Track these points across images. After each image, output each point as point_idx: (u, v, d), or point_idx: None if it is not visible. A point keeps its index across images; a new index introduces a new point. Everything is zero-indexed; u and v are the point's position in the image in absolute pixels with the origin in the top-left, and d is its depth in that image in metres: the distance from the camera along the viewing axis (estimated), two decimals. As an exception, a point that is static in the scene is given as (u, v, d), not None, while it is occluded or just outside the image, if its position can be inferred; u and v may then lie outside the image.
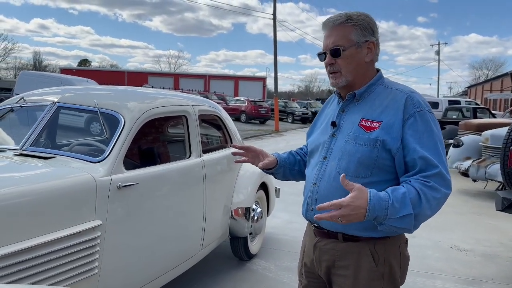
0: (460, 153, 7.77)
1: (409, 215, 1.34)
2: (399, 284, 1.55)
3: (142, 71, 53.35)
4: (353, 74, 1.54)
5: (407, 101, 1.46)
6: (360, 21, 1.52)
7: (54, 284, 1.91)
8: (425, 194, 1.36)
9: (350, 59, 1.52)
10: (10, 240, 1.76)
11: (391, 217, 1.34)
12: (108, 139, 2.37)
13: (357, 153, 1.46)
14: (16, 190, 1.87)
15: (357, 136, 1.48)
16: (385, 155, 1.44)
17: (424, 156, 1.39)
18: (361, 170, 1.45)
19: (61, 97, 2.68)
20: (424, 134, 1.42)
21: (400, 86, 1.54)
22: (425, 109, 1.45)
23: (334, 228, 1.51)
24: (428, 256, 4.14)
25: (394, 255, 1.51)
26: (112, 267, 2.22)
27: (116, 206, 2.22)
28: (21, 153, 2.39)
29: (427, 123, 1.44)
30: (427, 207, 1.36)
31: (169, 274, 2.72)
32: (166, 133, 4.01)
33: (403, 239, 1.57)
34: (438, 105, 18.56)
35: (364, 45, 1.52)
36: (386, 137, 1.43)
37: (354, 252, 1.50)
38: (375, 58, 1.57)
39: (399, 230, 1.41)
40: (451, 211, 6.00)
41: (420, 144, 1.41)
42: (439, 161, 1.40)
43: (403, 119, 1.43)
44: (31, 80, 15.71)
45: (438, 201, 1.39)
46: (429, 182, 1.37)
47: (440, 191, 1.38)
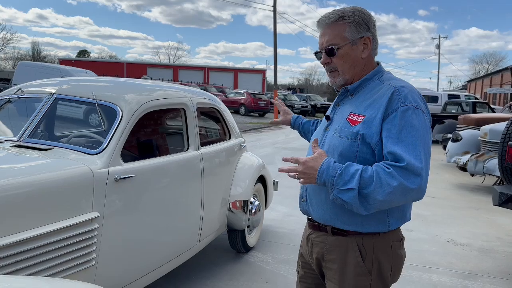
0: (458, 147, 7.79)
1: (353, 190, 1.34)
2: (389, 282, 1.53)
3: (141, 63, 53.11)
4: (351, 72, 1.54)
5: (393, 95, 1.43)
6: (354, 17, 1.50)
7: (51, 275, 1.91)
8: (379, 177, 1.33)
9: (345, 58, 1.51)
10: (7, 231, 1.76)
11: (336, 186, 1.36)
12: (106, 131, 2.36)
13: (339, 146, 1.47)
14: (13, 181, 1.86)
15: (342, 129, 1.49)
16: (365, 149, 1.44)
17: (393, 151, 1.36)
18: (343, 163, 1.43)
19: (59, 88, 2.67)
20: (402, 129, 1.38)
21: (393, 81, 1.51)
22: (410, 104, 1.41)
23: (323, 220, 1.53)
24: (425, 250, 4.16)
25: (384, 252, 1.50)
26: (109, 258, 2.22)
27: (113, 198, 2.22)
28: (19, 144, 2.38)
29: (408, 119, 1.39)
30: (378, 191, 1.32)
31: (166, 266, 2.73)
32: (164, 125, 4.01)
33: (397, 237, 1.54)
34: (438, 99, 18.56)
35: (359, 42, 1.51)
36: (366, 131, 1.43)
37: (342, 246, 1.51)
38: (372, 53, 1.56)
39: (346, 205, 1.38)
40: (448, 205, 6.03)
41: (397, 139, 1.37)
42: (413, 157, 1.34)
43: (384, 114, 1.42)
44: (29, 71, 15.69)
45: (393, 189, 1.32)
46: (389, 168, 1.34)
47: (397, 179, 1.32)
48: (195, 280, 3.27)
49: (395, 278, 1.56)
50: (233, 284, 3.25)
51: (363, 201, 1.35)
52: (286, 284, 3.26)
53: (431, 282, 3.44)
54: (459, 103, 16.12)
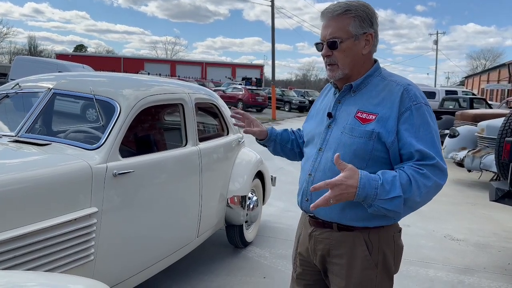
0: (455, 143, 7.81)
1: (399, 197, 1.35)
2: (393, 273, 1.57)
3: (138, 58, 52.97)
4: (350, 66, 1.52)
5: (404, 94, 1.45)
6: (359, 12, 1.49)
7: (50, 270, 1.92)
8: (416, 180, 1.36)
9: (347, 52, 1.50)
10: (5, 226, 1.76)
11: (380, 197, 1.34)
12: (104, 126, 2.36)
13: (353, 145, 1.46)
14: (11, 176, 1.86)
15: (353, 128, 1.48)
16: (380, 147, 1.44)
17: (420, 149, 1.40)
18: (356, 162, 1.43)
19: (56, 83, 2.66)
20: (420, 127, 1.42)
21: (397, 78, 1.53)
22: (421, 102, 1.45)
23: (329, 218, 1.53)
24: (422, 245, 4.19)
25: (388, 244, 1.53)
26: (108, 253, 2.23)
27: (112, 193, 2.23)
28: (17, 139, 2.38)
29: (423, 117, 1.43)
30: (417, 193, 1.36)
31: (164, 261, 2.74)
32: (162, 121, 4.00)
33: (397, 229, 1.58)
34: (435, 95, 18.57)
35: (362, 37, 1.50)
36: (381, 129, 1.43)
37: (349, 241, 1.51)
38: (373, 50, 1.56)
39: (388, 213, 1.39)
40: (445, 201, 6.05)
41: (417, 138, 1.41)
42: (436, 154, 1.41)
43: (398, 113, 1.43)
44: (26, 65, 15.58)
45: (428, 189, 1.38)
46: (422, 169, 1.38)
47: (432, 179, 1.38)
48: (193, 275, 3.29)
49: (397, 268, 1.59)
50: (231, 279, 3.26)
51: (405, 206, 1.38)
52: (283, 279, 3.28)
53: (427, 277, 3.46)
54: (456, 99, 16.13)
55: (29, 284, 1.45)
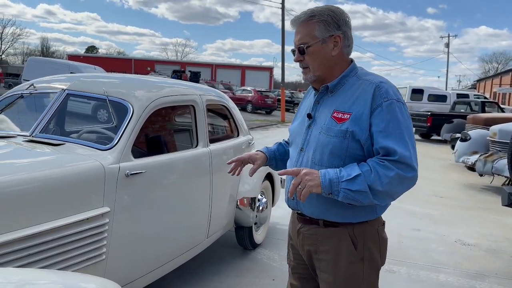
0: (467, 147, 7.74)
1: (359, 175, 1.41)
2: (379, 265, 1.62)
3: (149, 59, 53.33)
4: (321, 69, 1.58)
5: (375, 91, 1.49)
6: (323, 16, 1.55)
7: (62, 269, 1.94)
8: (376, 169, 1.42)
9: (315, 55, 1.57)
10: (20, 225, 1.79)
11: (342, 180, 1.42)
12: (117, 127, 2.39)
13: (329, 144, 1.52)
14: (25, 176, 1.89)
15: (329, 127, 1.54)
16: (355, 145, 1.49)
17: (385, 146, 1.44)
18: (334, 160, 1.50)
19: (70, 84, 2.70)
20: (390, 123, 1.46)
21: (371, 77, 1.57)
22: (392, 98, 1.49)
23: (315, 215, 1.59)
24: (432, 250, 4.15)
25: (373, 238, 1.58)
26: (119, 253, 2.25)
27: (124, 193, 2.25)
28: (31, 139, 2.41)
29: (393, 112, 1.47)
30: (378, 182, 1.41)
31: (174, 262, 2.76)
32: (174, 122, 4.03)
33: (380, 222, 1.64)
34: (446, 98, 18.42)
35: (329, 40, 1.56)
36: (355, 128, 1.48)
37: (335, 237, 1.57)
38: (345, 50, 1.60)
39: (357, 196, 1.42)
40: (456, 205, 6.00)
41: (385, 133, 1.45)
42: (403, 148, 1.43)
43: (370, 110, 1.48)
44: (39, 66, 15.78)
45: (390, 179, 1.41)
46: (383, 162, 1.43)
47: (394, 170, 1.41)
48: (202, 275, 3.30)
49: (383, 260, 1.64)
50: (240, 280, 3.27)
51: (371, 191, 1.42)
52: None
53: (438, 281, 3.43)
54: (468, 102, 15.99)
55: (41, 282, 1.47)
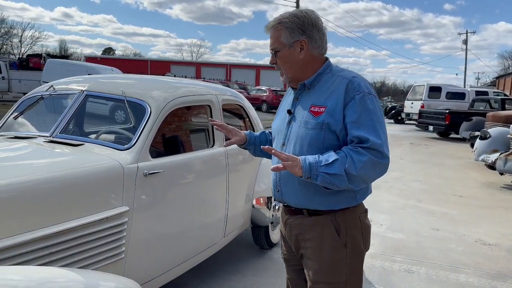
0: (487, 145, 7.60)
1: (337, 160, 1.51)
2: (363, 251, 1.70)
3: (164, 60, 53.73)
4: (291, 71, 1.71)
5: (348, 85, 1.59)
6: (288, 23, 1.65)
7: (82, 267, 1.97)
8: (350, 155, 1.52)
9: (284, 59, 1.69)
10: (41, 224, 1.82)
11: (321, 164, 1.52)
12: (135, 127, 2.41)
13: (307, 136, 1.62)
14: (46, 176, 1.93)
15: (307, 121, 1.64)
16: (331, 135, 1.59)
17: (357, 135, 1.54)
18: (313, 151, 1.60)
19: (89, 85, 2.74)
20: (362, 114, 1.55)
21: (345, 73, 1.67)
22: (364, 91, 1.58)
23: (299, 205, 1.68)
24: (452, 250, 4.09)
25: (355, 224, 1.67)
26: (138, 252, 2.27)
27: (142, 193, 2.27)
28: (51, 140, 2.46)
29: (364, 104, 1.57)
30: (352, 167, 1.50)
31: (192, 260, 2.77)
32: (190, 122, 4.06)
33: (362, 209, 1.71)
34: (465, 96, 18.10)
35: (295, 45, 1.66)
36: (330, 120, 1.59)
37: (318, 225, 1.65)
38: (314, 52, 1.69)
39: (334, 179, 1.51)
40: (476, 204, 5.89)
41: (358, 124, 1.55)
42: (375, 138, 1.53)
43: (344, 103, 1.58)
44: (57, 68, 16.08)
45: (363, 164, 1.50)
46: (357, 148, 1.53)
47: (366, 155, 1.51)
48: (220, 275, 3.31)
49: (367, 246, 1.72)
50: (257, 279, 3.27)
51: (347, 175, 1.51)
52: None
53: (458, 282, 3.37)
54: (487, 100, 15.68)
55: (61, 280, 1.50)
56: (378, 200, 5.92)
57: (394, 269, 3.59)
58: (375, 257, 3.83)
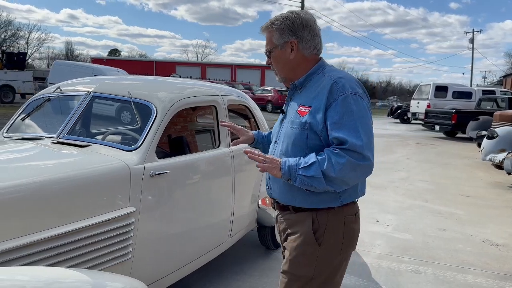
0: (494, 145, 7.54)
1: (315, 162, 1.53)
2: (339, 253, 1.68)
3: (170, 61, 53.84)
4: (284, 71, 1.76)
5: (333, 86, 1.60)
6: (279, 25, 1.69)
7: (90, 268, 1.98)
8: (329, 157, 1.53)
9: (277, 59, 1.74)
10: (48, 225, 1.83)
11: (300, 166, 1.55)
12: (141, 128, 2.42)
13: (292, 135, 1.66)
14: (54, 177, 1.94)
15: (293, 120, 1.68)
16: (313, 135, 1.61)
17: (337, 136, 1.54)
18: (297, 150, 1.63)
19: (95, 87, 2.75)
20: (344, 115, 1.55)
21: (333, 73, 1.67)
22: (348, 92, 1.58)
23: (285, 201, 1.72)
24: (459, 250, 4.06)
25: (336, 225, 1.66)
26: (145, 252, 2.28)
27: (148, 193, 2.28)
28: (58, 141, 2.47)
29: (347, 105, 1.56)
30: (331, 169, 1.51)
31: (198, 261, 2.78)
32: (196, 122, 4.07)
33: (351, 212, 1.70)
34: (472, 95, 17.99)
35: (286, 45, 1.70)
36: (312, 120, 1.61)
37: (301, 221, 1.69)
38: (305, 52, 1.71)
39: (311, 182, 1.53)
40: (483, 204, 5.85)
41: (339, 125, 1.55)
42: (355, 138, 1.52)
43: (327, 104, 1.58)
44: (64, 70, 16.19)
45: (342, 166, 1.50)
46: (336, 150, 1.54)
47: (345, 157, 1.51)
48: (226, 275, 3.32)
49: (348, 250, 1.71)
50: (263, 280, 3.27)
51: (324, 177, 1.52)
52: (316, 282, 3.25)
53: (466, 282, 3.35)
54: (494, 99, 15.57)
55: (68, 280, 1.51)
56: (385, 200, 5.89)
57: (401, 269, 3.57)
58: (382, 257, 3.81)
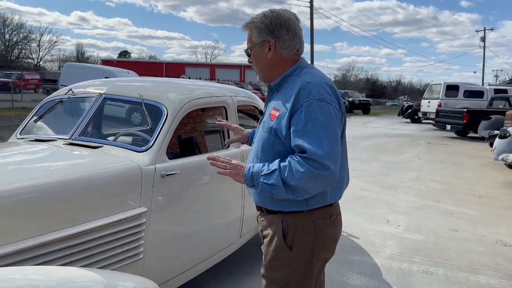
0: (506, 144, 7.45)
1: (276, 170, 1.52)
2: (314, 257, 1.66)
3: (179, 62, 54.03)
4: (262, 71, 1.74)
5: (300, 91, 1.56)
6: (257, 23, 1.68)
7: (102, 267, 2.00)
8: (290, 164, 1.51)
9: (256, 58, 1.73)
10: (61, 225, 1.86)
11: (262, 173, 1.55)
12: (152, 129, 2.44)
13: (262, 139, 1.67)
14: (67, 177, 1.97)
15: (264, 124, 1.68)
16: (279, 141, 1.60)
17: (298, 144, 1.52)
18: (265, 155, 1.64)
19: (107, 88, 2.78)
20: (308, 123, 1.52)
21: (305, 76, 1.62)
22: (313, 98, 1.53)
23: (259, 203, 1.74)
24: (471, 251, 4.02)
25: (306, 229, 1.64)
26: (156, 252, 2.30)
27: (159, 194, 2.30)
28: (71, 142, 2.50)
29: (312, 113, 1.52)
30: (291, 178, 1.50)
31: (209, 261, 2.79)
32: (205, 123, 4.08)
33: (323, 215, 1.66)
34: (483, 94, 17.78)
35: (264, 44, 1.68)
36: (277, 125, 1.60)
37: (273, 224, 1.69)
38: (283, 52, 1.68)
39: (271, 189, 1.53)
40: (496, 204, 5.78)
41: (301, 132, 1.52)
42: (315, 147, 1.48)
43: (292, 110, 1.55)
44: (75, 72, 16.36)
45: (301, 175, 1.48)
46: (297, 158, 1.51)
47: (304, 166, 1.48)
48: (237, 275, 3.32)
49: (322, 255, 1.68)
50: (274, 280, 3.27)
51: (285, 185, 1.51)
52: (328, 283, 3.24)
53: (478, 283, 3.32)
54: (506, 98, 15.36)
55: (81, 280, 1.52)
56: (395, 201, 5.86)
57: (412, 270, 3.55)
58: (393, 258, 3.79)
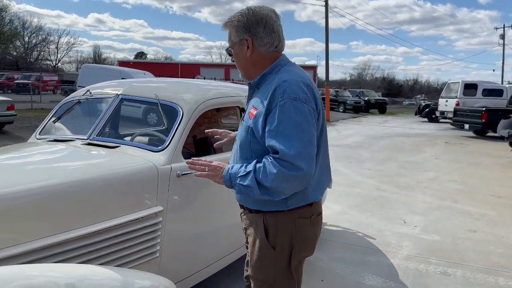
0: (527, 144, 7.28)
1: (251, 172, 1.53)
2: (295, 256, 1.66)
3: (194, 63, 54.38)
4: (244, 69, 1.74)
5: (275, 91, 1.55)
6: (234, 22, 1.68)
7: (119, 265, 2.03)
8: (265, 166, 1.52)
9: (236, 57, 1.73)
10: (80, 223, 1.90)
11: (238, 175, 1.57)
12: (168, 129, 2.47)
13: (240, 138, 1.68)
14: (85, 177, 2.01)
15: (243, 122, 1.69)
16: (256, 140, 1.60)
17: (271, 145, 1.52)
18: (244, 153, 1.65)
19: (123, 89, 2.82)
20: (281, 123, 1.51)
21: (282, 74, 1.61)
22: (287, 98, 1.52)
23: (240, 201, 1.75)
24: (490, 252, 3.95)
25: (287, 228, 1.64)
26: (172, 251, 2.32)
27: (175, 193, 2.32)
28: (89, 142, 2.55)
29: (285, 112, 1.51)
30: (265, 179, 1.51)
31: (223, 260, 2.81)
32: (220, 123, 4.10)
33: (303, 215, 1.66)
34: (503, 93, 17.43)
35: (242, 43, 1.68)
36: (254, 125, 1.60)
37: (254, 222, 1.70)
38: (262, 50, 1.67)
39: (247, 190, 1.55)
40: (516, 205, 5.66)
41: (274, 132, 1.51)
42: (287, 148, 1.48)
43: (267, 110, 1.55)
44: (92, 73, 16.60)
45: (274, 176, 1.49)
46: (271, 159, 1.52)
47: (277, 167, 1.49)
48: (251, 275, 3.33)
49: (302, 253, 1.69)
50: (289, 280, 3.26)
51: (259, 187, 1.52)
52: (341, 282, 3.23)
53: (497, 285, 3.26)
54: (527, 96, 15.04)
55: (98, 277, 1.55)
56: (412, 201, 5.79)
57: (429, 271, 3.50)
58: (410, 258, 3.75)
